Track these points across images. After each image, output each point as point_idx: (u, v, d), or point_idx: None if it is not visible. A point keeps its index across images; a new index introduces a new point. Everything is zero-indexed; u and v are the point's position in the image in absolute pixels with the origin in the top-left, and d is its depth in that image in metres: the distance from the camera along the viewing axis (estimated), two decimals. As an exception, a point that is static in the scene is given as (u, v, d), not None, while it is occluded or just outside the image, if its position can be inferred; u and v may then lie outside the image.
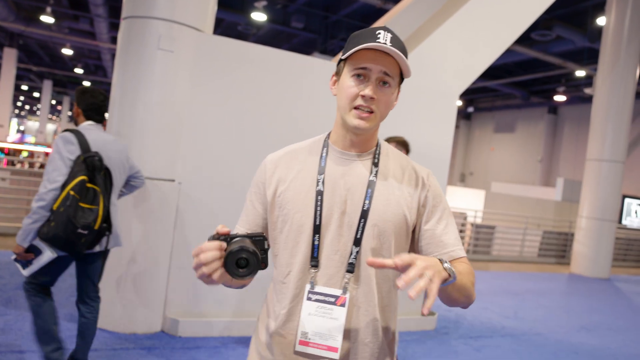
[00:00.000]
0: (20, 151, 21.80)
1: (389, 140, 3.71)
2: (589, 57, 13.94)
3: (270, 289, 1.36)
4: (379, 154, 1.34)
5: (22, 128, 49.17)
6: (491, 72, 17.23)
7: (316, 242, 1.25)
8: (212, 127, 3.96)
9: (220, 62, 3.94)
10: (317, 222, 1.25)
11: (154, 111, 3.78)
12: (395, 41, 1.22)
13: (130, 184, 3.21)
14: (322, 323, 1.22)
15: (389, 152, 1.37)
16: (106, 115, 3.04)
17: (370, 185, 1.28)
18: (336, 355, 1.21)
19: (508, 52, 11.29)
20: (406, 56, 1.25)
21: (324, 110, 4.25)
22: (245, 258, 1.05)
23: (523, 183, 20.62)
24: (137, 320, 3.83)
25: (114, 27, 15.31)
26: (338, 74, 1.31)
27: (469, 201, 12.84)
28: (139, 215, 3.79)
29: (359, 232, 1.25)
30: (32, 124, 47.89)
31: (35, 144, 28.11)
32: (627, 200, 12.63)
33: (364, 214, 1.25)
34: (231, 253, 1.05)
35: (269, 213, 1.33)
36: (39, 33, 16.96)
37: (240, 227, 1.36)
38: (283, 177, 1.31)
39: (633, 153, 17.18)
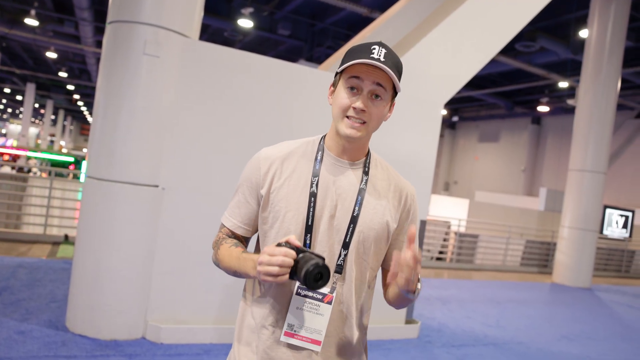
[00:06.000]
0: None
1: None
2: (572, 69, 14.17)
3: (250, 283, 1.44)
4: (369, 164, 1.44)
5: (3, 131, 48.50)
6: (476, 82, 17.43)
7: (308, 242, 1.34)
8: (196, 133, 3.94)
9: (206, 68, 3.93)
10: (310, 222, 1.33)
11: (139, 116, 3.75)
12: (389, 56, 1.31)
13: None
14: (308, 317, 1.31)
15: (378, 164, 1.47)
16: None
17: (361, 193, 1.38)
18: (318, 348, 1.31)
19: (492, 62, 11.46)
20: (400, 70, 1.36)
21: (309, 117, 4.26)
22: (320, 272, 1.18)
23: (507, 192, 20.85)
24: (118, 326, 3.77)
25: (99, 31, 15.20)
26: (334, 85, 1.39)
27: (452, 210, 12.94)
28: (121, 220, 3.75)
29: (348, 236, 1.35)
30: (15, 127, 47.27)
31: (17, 147, 27.75)
32: (608, 210, 12.80)
33: (354, 220, 1.35)
34: (308, 272, 1.17)
35: (261, 208, 1.40)
36: (22, 36, 16.73)
37: (232, 219, 1.44)
38: (277, 174, 1.38)
39: (614, 164, 17.46)
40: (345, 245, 1.35)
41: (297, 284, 1.31)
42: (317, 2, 12.55)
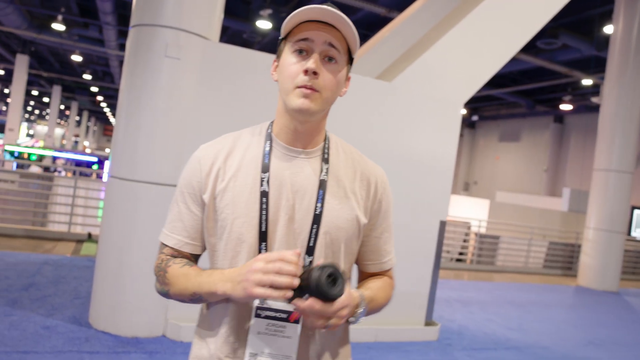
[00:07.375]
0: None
1: None
2: (596, 66, 13.91)
3: (204, 305, 1.22)
4: (328, 149, 1.21)
5: (31, 132, 49.52)
6: (496, 81, 17.23)
7: (263, 251, 1.11)
8: (217, 133, 3.93)
9: (225, 69, 3.97)
10: (263, 229, 1.11)
11: (160, 117, 3.81)
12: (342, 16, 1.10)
13: None
14: (273, 342, 1.08)
15: (339, 148, 1.25)
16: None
17: (322, 185, 1.15)
18: None
19: (513, 60, 11.30)
20: (356, 33, 1.14)
21: (331, 116, 4.25)
22: (331, 274, 0.98)
23: (528, 193, 20.55)
24: (139, 324, 3.84)
25: (123, 34, 15.43)
26: (279, 56, 1.19)
27: (473, 210, 12.80)
28: (143, 220, 3.81)
29: (312, 239, 1.13)
30: (41, 128, 48.22)
31: (44, 147, 28.40)
32: (636, 211, 12.46)
33: (317, 219, 1.13)
34: (320, 278, 0.96)
35: (206, 217, 1.18)
36: (50, 40, 17.16)
37: (176, 236, 1.21)
38: (221, 174, 1.16)
39: (641, 163, 17.06)
40: (310, 251, 1.12)
41: (256, 303, 1.07)
42: (335, 3, 12.36)
